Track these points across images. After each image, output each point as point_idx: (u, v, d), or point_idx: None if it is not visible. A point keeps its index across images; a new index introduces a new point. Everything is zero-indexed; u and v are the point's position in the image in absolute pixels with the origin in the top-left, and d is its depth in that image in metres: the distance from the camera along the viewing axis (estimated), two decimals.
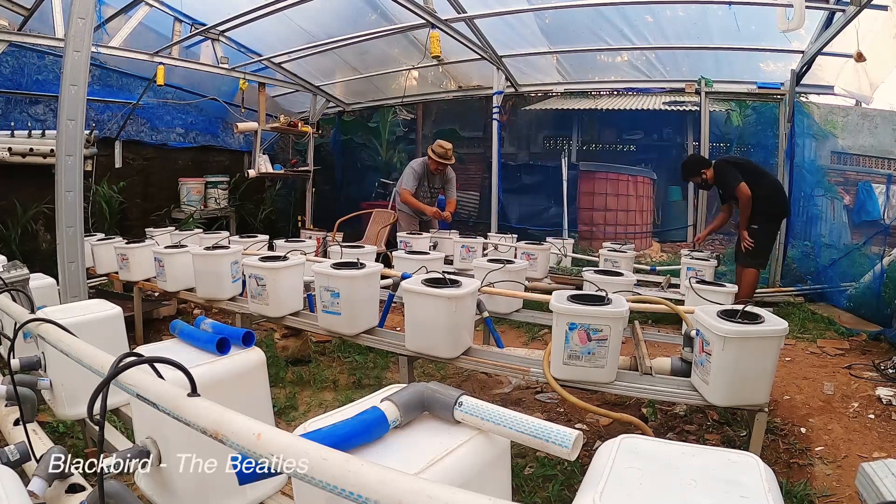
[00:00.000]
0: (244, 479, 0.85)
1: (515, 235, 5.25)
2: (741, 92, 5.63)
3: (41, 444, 1.38)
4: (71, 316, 1.66)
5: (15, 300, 1.68)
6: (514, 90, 6.37)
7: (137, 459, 1.15)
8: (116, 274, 3.92)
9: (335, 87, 7.21)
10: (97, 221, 5.57)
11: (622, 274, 2.95)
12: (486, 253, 4.28)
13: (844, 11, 3.73)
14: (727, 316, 1.86)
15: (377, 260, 3.74)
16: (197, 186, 6.76)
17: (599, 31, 5.22)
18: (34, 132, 4.77)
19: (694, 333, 1.97)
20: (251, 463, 0.82)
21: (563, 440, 0.79)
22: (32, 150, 4.72)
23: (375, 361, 3.36)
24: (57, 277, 2.49)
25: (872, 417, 2.54)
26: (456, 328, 2.21)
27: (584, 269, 3.55)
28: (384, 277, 2.83)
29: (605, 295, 2.01)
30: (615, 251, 4.17)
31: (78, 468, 1.17)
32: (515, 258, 3.50)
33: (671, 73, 5.82)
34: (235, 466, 0.83)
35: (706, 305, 2.12)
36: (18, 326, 1.37)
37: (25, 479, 1.07)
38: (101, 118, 5.84)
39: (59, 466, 1.15)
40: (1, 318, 1.95)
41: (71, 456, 1.16)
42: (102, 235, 4.50)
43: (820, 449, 2.30)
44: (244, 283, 3.11)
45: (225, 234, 4.65)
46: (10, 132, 4.70)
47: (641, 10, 4.93)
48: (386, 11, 5.22)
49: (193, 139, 7.09)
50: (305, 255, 3.48)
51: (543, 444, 0.80)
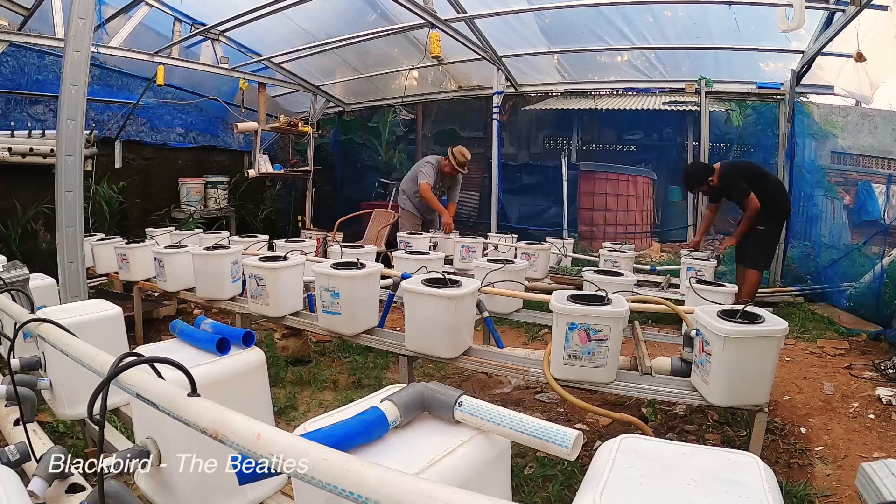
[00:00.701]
0: (244, 479, 0.85)
1: (515, 235, 5.25)
2: (741, 92, 5.63)
3: (41, 444, 1.38)
4: (71, 316, 1.66)
5: (15, 300, 1.68)
6: (514, 90, 6.37)
7: (137, 459, 1.15)
8: (116, 274, 3.92)
9: (335, 87, 7.21)
10: (97, 221, 5.57)
11: (622, 274, 2.96)
12: (486, 253, 4.28)
13: (844, 11, 3.73)
14: (727, 316, 1.86)
15: (377, 260, 3.74)
16: (197, 186, 6.76)
17: (599, 31, 5.22)
18: (34, 132, 4.77)
19: (694, 333, 1.97)
20: (251, 463, 0.82)
21: (563, 440, 0.79)
22: (32, 150, 4.72)
23: (375, 361, 3.36)
24: (57, 277, 2.49)
25: (872, 417, 2.54)
26: (456, 328, 2.21)
27: (584, 269, 3.55)
28: (384, 277, 2.83)
29: (605, 295, 2.01)
30: (615, 251, 4.17)
31: (78, 468, 1.17)
32: (515, 258, 3.50)
33: (671, 73, 5.82)
34: (235, 466, 0.83)
35: (706, 305, 2.12)
36: (18, 326, 1.37)
37: (25, 479, 1.07)
38: (101, 118, 5.84)
39: (59, 466, 1.15)
40: (1, 318, 1.95)
41: (71, 456, 1.16)
42: (102, 235, 4.50)
43: (820, 449, 2.30)
44: (244, 283, 3.11)
45: (225, 234, 4.65)
46: (10, 132, 4.69)
47: (641, 10, 4.93)
48: (386, 11, 5.22)
49: (193, 139, 7.09)
50: (305, 255, 3.48)
51: (543, 444, 0.80)
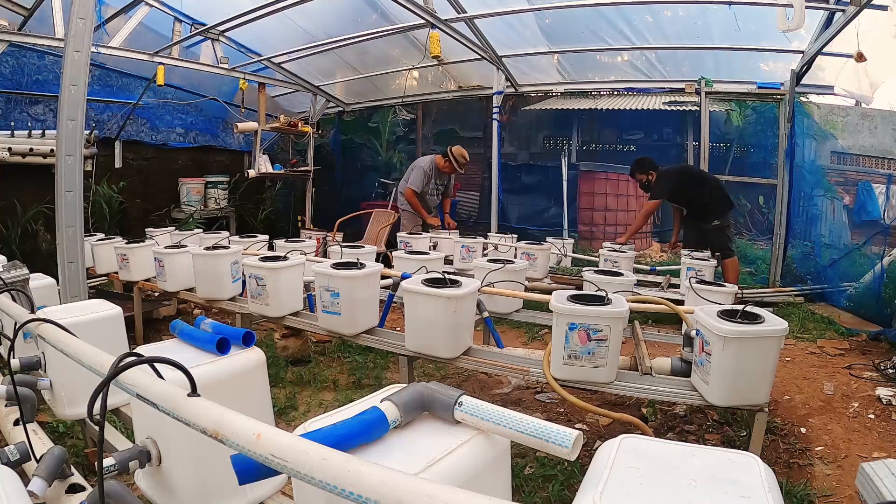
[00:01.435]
0: (244, 479, 0.84)
1: (515, 235, 5.25)
2: (741, 92, 5.63)
3: (41, 444, 1.37)
4: (71, 316, 1.66)
5: (15, 300, 1.68)
6: (514, 90, 6.37)
7: (137, 459, 1.15)
8: (116, 274, 3.92)
9: (335, 87, 7.21)
10: (97, 221, 5.57)
11: (622, 274, 2.95)
12: (486, 253, 4.28)
13: (844, 11, 3.73)
14: (727, 316, 1.86)
15: (377, 260, 3.74)
16: (197, 186, 6.75)
17: (599, 31, 5.22)
18: (34, 132, 4.77)
19: (694, 333, 1.97)
20: (251, 463, 0.82)
21: (563, 440, 0.79)
22: (32, 150, 4.72)
23: (375, 361, 3.36)
24: (57, 277, 2.49)
25: (872, 417, 2.54)
26: (456, 328, 2.21)
27: (584, 269, 3.55)
28: (384, 277, 2.83)
29: (605, 295, 2.01)
30: (615, 251, 4.17)
31: (78, 468, 1.17)
32: (515, 258, 3.50)
33: (671, 73, 5.82)
34: (235, 466, 0.83)
35: (706, 305, 2.11)
36: (18, 326, 1.37)
37: (25, 479, 1.07)
38: (101, 118, 5.84)
39: (59, 466, 1.15)
40: (1, 318, 1.95)
41: (71, 456, 1.16)
42: (102, 235, 4.50)
43: (820, 449, 2.30)
44: (244, 283, 3.11)
45: (225, 234, 4.65)
46: (10, 132, 4.69)
47: (641, 10, 4.93)
48: (386, 11, 5.22)
49: (193, 139, 7.08)
50: (305, 255, 3.48)
51: (543, 444, 0.80)
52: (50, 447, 1.18)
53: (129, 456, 1.14)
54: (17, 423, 1.45)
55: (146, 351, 1.35)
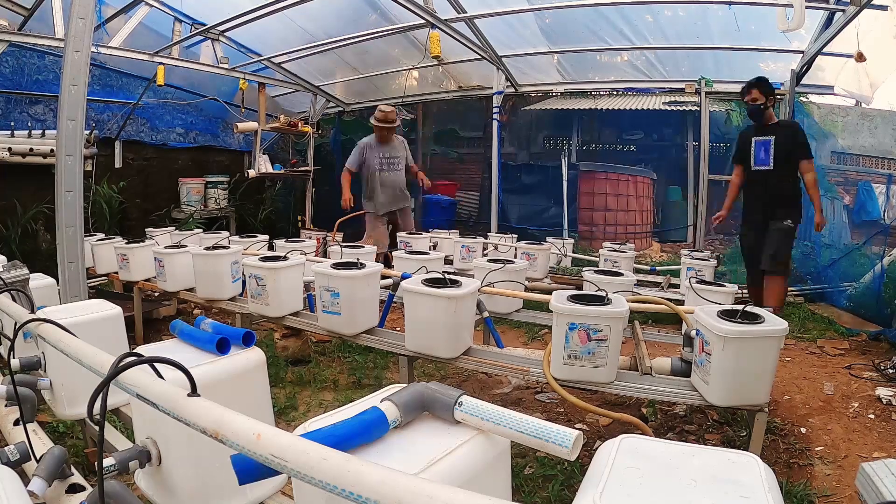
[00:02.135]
0: (244, 479, 0.84)
1: (515, 235, 5.25)
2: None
3: (41, 444, 1.37)
4: (71, 316, 1.66)
5: (15, 300, 1.68)
6: (514, 90, 6.37)
7: (137, 459, 1.15)
8: (116, 274, 3.92)
9: (335, 87, 7.21)
10: (97, 221, 5.56)
11: (622, 274, 2.95)
12: (486, 253, 4.29)
13: (844, 11, 3.73)
14: (727, 316, 1.86)
15: (377, 260, 3.75)
16: (197, 186, 6.75)
17: (599, 31, 5.22)
18: (34, 132, 4.77)
19: (694, 333, 1.97)
20: (251, 463, 0.82)
21: (563, 440, 0.79)
22: (32, 150, 4.72)
23: (375, 361, 3.36)
24: (57, 277, 2.49)
25: (872, 417, 2.54)
26: (456, 328, 2.21)
27: (584, 269, 3.55)
28: (384, 277, 2.83)
29: (605, 295, 2.01)
30: (615, 251, 4.17)
31: (78, 468, 1.17)
32: (515, 258, 3.50)
33: (671, 73, 5.82)
34: (235, 466, 0.83)
35: (706, 305, 2.11)
36: (18, 326, 1.37)
37: (25, 479, 1.07)
38: (101, 118, 5.84)
39: (59, 466, 1.15)
40: (1, 318, 1.95)
41: (71, 456, 1.16)
42: (102, 235, 4.50)
43: (820, 449, 2.30)
44: (244, 283, 3.11)
45: (225, 234, 4.65)
46: (10, 132, 4.69)
47: (641, 10, 4.93)
48: (386, 11, 5.22)
49: (193, 139, 7.08)
50: (305, 255, 3.48)
51: (543, 444, 0.80)
52: (50, 447, 1.18)
53: (129, 456, 1.14)
54: (17, 423, 1.45)
55: (146, 351, 1.35)
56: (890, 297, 3.83)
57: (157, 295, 4.17)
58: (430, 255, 3.44)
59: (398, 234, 4.82)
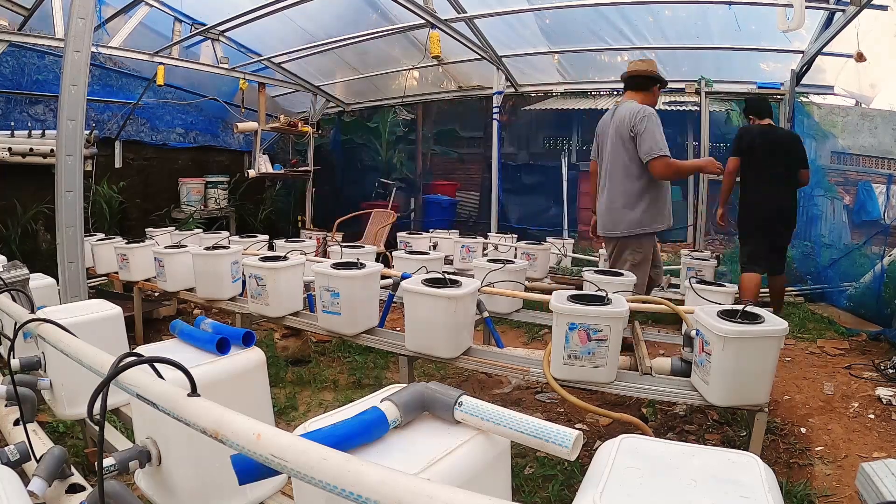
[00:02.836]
0: (244, 479, 0.84)
1: (515, 235, 5.25)
2: (741, 92, 5.62)
3: (41, 444, 1.37)
4: (71, 316, 1.66)
5: (15, 300, 1.68)
6: (514, 90, 6.37)
7: (137, 459, 1.15)
8: (116, 274, 3.92)
9: (335, 87, 7.21)
10: (97, 221, 5.56)
11: (622, 274, 2.95)
12: (486, 253, 4.28)
13: (844, 11, 3.73)
14: (727, 316, 1.86)
15: (377, 260, 3.74)
16: (197, 186, 6.75)
17: (599, 31, 5.22)
18: (34, 132, 4.77)
19: (694, 333, 1.97)
20: (251, 463, 0.82)
21: (563, 440, 0.79)
22: (32, 150, 4.72)
23: (375, 361, 3.36)
24: (57, 277, 2.49)
25: (872, 417, 2.54)
26: (456, 328, 2.21)
27: (584, 269, 3.55)
28: (384, 277, 2.83)
29: (605, 295, 2.01)
30: None
31: (78, 468, 1.17)
32: (515, 258, 3.50)
33: (671, 73, 5.80)
34: (235, 466, 0.83)
35: (706, 305, 2.11)
36: (18, 326, 1.37)
37: (25, 479, 1.07)
38: (101, 118, 5.84)
39: (59, 466, 1.15)
40: (1, 318, 1.95)
41: (71, 456, 1.16)
42: (102, 235, 4.50)
43: (820, 449, 2.30)
44: (244, 283, 3.11)
45: (225, 234, 4.65)
46: (10, 132, 4.69)
47: (641, 10, 4.93)
48: (386, 11, 5.22)
49: (193, 139, 7.08)
50: (305, 255, 3.48)
51: (543, 444, 0.80)
52: (50, 447, 1.18)
53: (129, 456, 1.14)
54: (17, 423, 1.45)
55: (146, 351, 1.35)
56: (890, 297, 3.83)
57: (157, 295, 4.17)
58: (430, 255, 3.44)
59: (398, 234, 4.80)
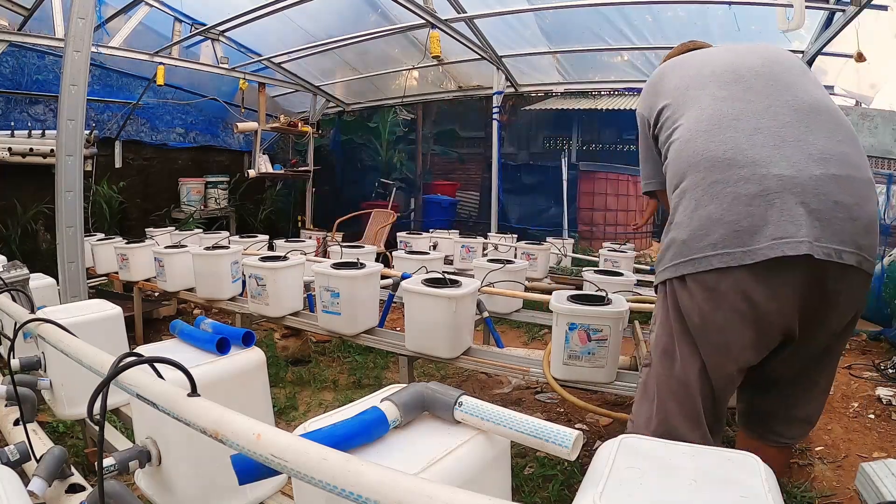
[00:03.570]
0: (244, 479, 0.84)
1: (515, 235, 5.25)
2: None
3: (41, 444, 1.37)
4: (71, 316, 1.66)
5: (15, 300, 1.68)
6: (514, 90, 6.37)
7: (137, 459, 1.15)
8: (116, 274, 3.92)
9: (335, 87, 7.21)
10: (97, 221, 5.57)
11: (622, 274, 2.95)
12: (486, 253, 4.28)
13: (844, 11, 3.73)
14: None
15: (376, 260, 3.74)
16: (197, 186, 6.75)
17: (599, 31, 5.21)
18: (34, 132, 4.77)
19: None
20: (251, 463, 0.82)
21: (563, 440, 0.79)
22: (32, 150, 4.72)
23: (375, 361, 3.36)
24: (57, 277, 2.49)
25: (872, 417, 2.54)
26: (456, 328, 2.21)
27: (584, 269, 3.55)
28: (384, 277, 2.83)
29: (605, 295, 2.01)
30: (615, 251, 4.17)
31: (78, 468, 1.17)
32: (515, 258, 3.50)
33: None
34: (235, 466, 0.83)
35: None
36: (18, 326, 1.37)
37: (25, 479, 1.07)
38: (101, 118, 5.84)
39: (59, 466, 1.15)
40: (1, 318, 1.95)
41: (71, 456, 1.16)
42: (102, 235, 4.50)
43: (820, 449, 2.30)
44: (244, 283, 3.11)
45: (225, 234, 4.65)
46: (10, 132, 4.69)
47: (641, 10, 4.92)
48: (386, 11, 5.22)
49: (193, 139, 7.08)
50: (305, 255, 3.48)
51: (543, 444, 0.80)
52: (50, 447, 1.18)
53: (129, 456, 1.14)
54: (17, 423, 1.45)
55: (146, 351, 1.35)
56: (890, 297, 3.83)
57: (157, 295, 4.17)
58: (430, 255, 3.44)
59: (398, 234, 4.80)
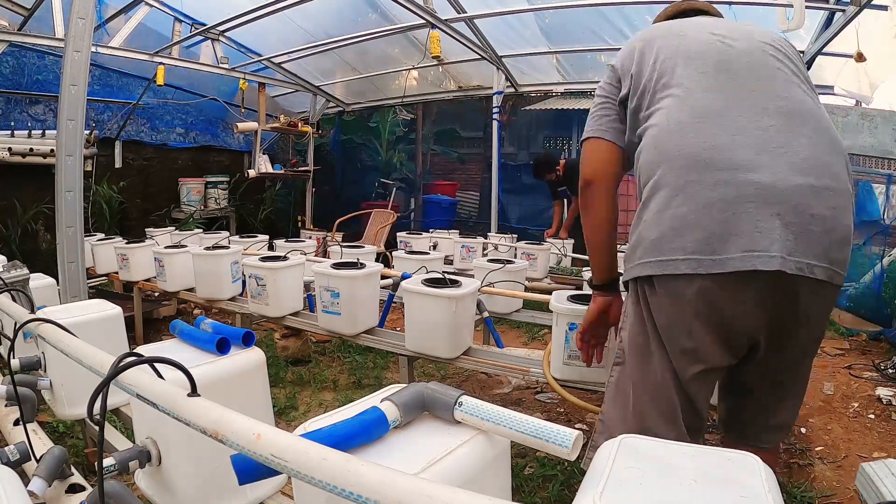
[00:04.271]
0: (244, 479, 0.84)
1: (515, 235, 5.25)
2: None
3: (41, 444, 1.37)
4: (71, 316, 1.66)
5: (15, 300, 1.68)
6: (514, 90, 6.37)
7: (137, 459, 1.15)
8: (116, 274, 3.92)
9: (335, 87, 7.21)
10: (97, 221, 5.57)
11: (622, 274, 2.95)
12: (486, 253, 4.28)
13: (844, 11, 3.73)
14: None
15: (376, 260, 3.74)
16: (197, 186, 6.76)
17: (599, 31, 5.22)
18: (34, 132, 4.77)
19: None
20: (251, 463, 0.82)
21: (563, 440, 0.79)
22: (32, 150, 4.72)
23: (375, 361, 3.36)
24: (57, 277, 2.49)
25: (872, 417, 2.54)
26: (456, 328, 2.21)
27: (584, 269, 3.54)
28: (384, 277, 2.83)
29: None
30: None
31: (78, 468, 1.17)
32: (515, 258, 3.49)
33: None
34: (235, 466, 0.83)
35: None
36: (18, 326, 1.36)
37: (25, 479, 1.07)
38: (101, 118, 5.84)
39: (59, 466, 1.15)
40: (1, 318, 1.95)
41: (71, 456, 1.16)
42: (102, 235, 4.50)
43: (820, 449, 2.30)
44: (244, 283, 3.11)
45: (225, 234, 4.65)
46: (10, 132, 4.70)
47: (641, 10, 4.92)
48: (386, 11, 5.22)
49: (193, 139, 7.09)
50: (305, 255, 3.48)
51: (543, 444, 0.80)
52: (50, 447, 1.18)
53: (129, 456, 1.14)
54: (17, 423, 1.45)
55: (146, 351, 1.35)
56: (890, 297, 3.83)
57: (157, 295, 4.17)
58: (430, 255, 3.44)
59: (398, 234, 4.81)
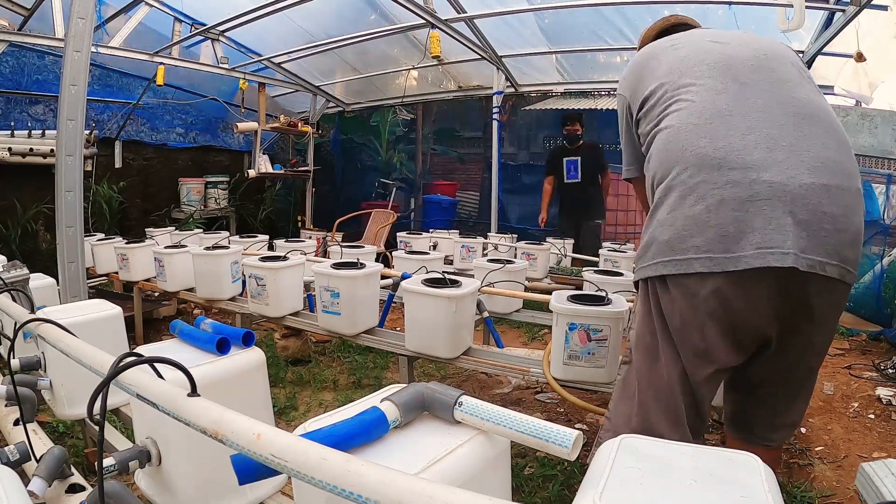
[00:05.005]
0: (244, 479, 0.84)
1: (515, 235, 5.25)
2: None
3: (41, 444, 1.38)
4: (71, 316, 1.66)
5: (15, 300, 1.68)
6: (514, 90, 6.37)
7: (137, 459, 1.15)
8: (116, 274, 3.92)
9: (335, 87, 7.21)
10: (97, 221, 5.57)
11: (622, 274, 2.95)
12: (486, 253, 4.28)
13: (844, 11, 3.73)
14: None
15: (376, 260, 3.74)
16: (197, 186, 6.75)
17: (599, 31, 5.21)
18: (34, 132, 4.77)
19: None
20: (251, 463, 0.82)
21: (563, 440, 0.79)
22: (32, 150, 4.72)
23: (375, 361, 3.36)
24: (57, 277, 2.49)
25: (872, 417, 2.54)
26: (456, 328, 2.21)
27: (584, 269, 3.55)
28: (384, 277, 2.83)
29: (605, 295, 2.01)
30: (615, 251, 4.17)
31: (78, 468, 1.17)
32: (515, 258, 3.50)
33: None
34: (235, 466, 0.83)
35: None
36: (18, 326, 1.37)
37: (25, 479, 1.07)
38: (101, 118, 5.84)
39: (59, 466, 1.15)
40: (1, 318, 1.95)
41: (71, 456, 1.16)
42: (102, 235, 4.50)
43: (820, 449, 2.30)
44: (244, 283, 3.11)
45: (225, 234, 4.65)
46: (10, 132, 4.69)
47: (641, 10, 4.92)
48: (386, 11, 5.22)
49: (193, 139, 7.09)
50: (305, 255, 3.48)
51: (543, 444, 0.80)
52: (50, 447, 1.18)
53: (129, 456, 1.14)
54: (17, 423, 1.45)
55: (146, 351, 1.35)
56: (890, 297, 3.83)
57: (157, 295, 4.17)
58: (430, 255, 3.44)
59: (398, 234, 4.81)
